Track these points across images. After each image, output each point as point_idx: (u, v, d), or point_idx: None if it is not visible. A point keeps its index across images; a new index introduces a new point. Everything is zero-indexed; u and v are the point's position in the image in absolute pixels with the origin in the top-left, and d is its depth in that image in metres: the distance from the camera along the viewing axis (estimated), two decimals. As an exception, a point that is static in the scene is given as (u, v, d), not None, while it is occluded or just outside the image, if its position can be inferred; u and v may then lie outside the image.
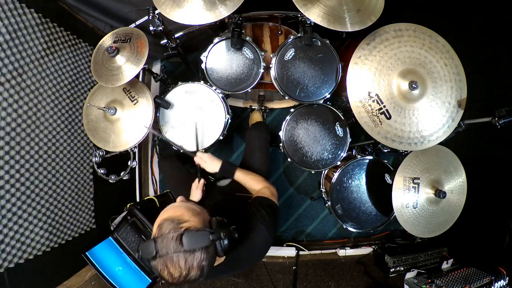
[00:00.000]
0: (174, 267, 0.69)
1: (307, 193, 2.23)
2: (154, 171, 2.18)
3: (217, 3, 1.16)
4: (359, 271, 1.96)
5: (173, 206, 0.82)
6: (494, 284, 1.50)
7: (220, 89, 1.51)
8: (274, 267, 1.94)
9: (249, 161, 1.45)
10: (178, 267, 0.69)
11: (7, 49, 1.14)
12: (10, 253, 1.17)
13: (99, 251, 1.61)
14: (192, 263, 0.70)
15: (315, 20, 1.16)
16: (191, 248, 0.70)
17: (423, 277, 1.69)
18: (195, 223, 0.76)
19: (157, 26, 1.30)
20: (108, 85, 1.26)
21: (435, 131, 1.23)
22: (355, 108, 1.24)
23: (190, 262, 0.70)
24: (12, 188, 1.17)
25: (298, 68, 1.46)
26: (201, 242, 0.71)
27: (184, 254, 0.69)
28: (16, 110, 1.19)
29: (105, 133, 1.39)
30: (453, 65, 1.23)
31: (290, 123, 1.58)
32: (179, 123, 1.54)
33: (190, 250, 0.70)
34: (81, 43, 1.60)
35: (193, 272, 0.70)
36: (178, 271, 0.69)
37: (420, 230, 1.33)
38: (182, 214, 0.77)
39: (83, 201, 1.61)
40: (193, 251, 0.70)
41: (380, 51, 1.23)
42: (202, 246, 0.71)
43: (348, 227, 1.62)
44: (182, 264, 0.69)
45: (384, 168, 1.58)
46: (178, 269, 0.69)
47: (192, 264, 0.70)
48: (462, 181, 1.37)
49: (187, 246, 0.70)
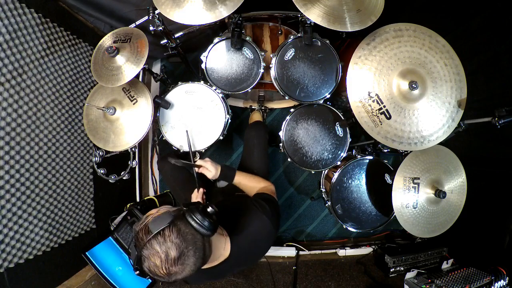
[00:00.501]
0: (153, 255, 0.70)
1: (307, 193, 2.23)
2: (154, 171, 2.18)
3: (217, 3, 1.16)
4: (359, 271, 1.96)
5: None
6: (494, 284, 1.50)
7: (220, 89, 1.51)
8: (274, 267, 1.94)
9: (248, 160, 1.44)
10: (156, 253, 0.70)
11: (7, 49, 1.14)
12: (10, 253, 1.17)
13: (99, 251, 1.61)
14: (166, 245, 0.70)
15: (315, 20, 1.16)
16: (157, 230, 0.70)
17: (423, 277, 1.69)
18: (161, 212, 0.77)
19: (157, 26, 1.30)
20: (108, 85, 1.26)
21: (435, 131, 1.23)
22: (355, 108, 1.23)
23: (162, 243, 0.70)
24: (12, 188, 1.17)
25: (298, 68, 1.46)
26: (163, 221, 0.72)
27: (155, 239, 0.70)
28: (16, 110, 1.19)
29: (105, 133, 1.39)
30: (453, 65, 1.23)
31: (290, 123, 1.58)
32: (179, 123, 1.54)
33: (158, 233, 0.70)
34: (81, 43, 1.60)
35: (172, 252, 0.70)
36: (158, 257, 0.69)
37: (420, 230, 1.32)
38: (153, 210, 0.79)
39: (83, 201, 1.61)
40: (161, 233, 0.70)
41: (380, 51, 1.23)
42: (165, 224, 0.71)
43: (348, 227, 1.62)
44: (158, 248, 0.70)
45: (384, 168, 1.58)
46: (157, 255, 0.70)
47: (167, 245, 0.70)
48: (462, 181, 1.37)
49: (153, 230, 0.70)
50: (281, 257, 2.04)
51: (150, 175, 2.19)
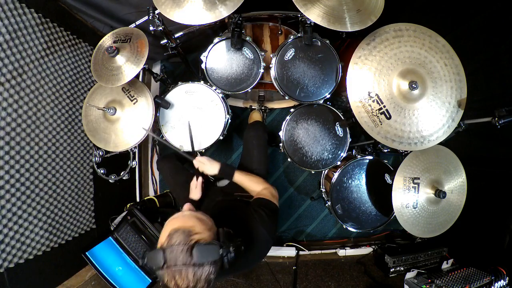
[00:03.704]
0: (182, 279, 0.69)
1: (307, 193, 2.23)
2: (154, 171, 2.18)
3: (217, 3, 1.16)
4: (359, 271, 1.96)
5: (183, 215, 0.81)
6: (494, 284, 1.50)
7: (220, 89, 1.51)
8: (274, 267, 1.94)
9: (247, 160, 1.44)
10: (186, 279, 0.69)
11: (7, 49, 1.14)
12: (10, 253, 1.17)
13: (99, 251, 1.61)
14: (200, 276, 0.69)
15: (315, 20, 1.16)
16: (200, 262, 0.69)
17: (423, 277, 1.70)
18: (205, 236, 0.75)
19: (157, 26, 1.30)
20: (108, 85, 1.26)
21: (435, 131, 1.23)
22: (355, 108, 1.23)
23: (198, 275, 0.69)
24: (12, 188, 1.17)
25: (298, 68, 1.46)
26: (211, 256, 0.71)
27: (193, 267, 0.69)
28: (16, 110, 1.19)
29: (106, 133, 1.39)
30: (453, 65, 1.23)
31: (290, 123, 1.58)
32: (179, 123, 1.54)
33: (200, 264, 0.69)
34: (81, 43, 1.60)
35: (199, 284, 0.70)
36: (186, 283, 0.69)
37: (420, 230, 1.32)
38: (194, 225, 0.76)
39: (83, 201, 1.61)
40: (202, 264, 0.70)
41: (380, 51, 1.23)
42: (211, 260, 0.71)
43: (348, 227, 1.62)
44: (191, 277, 0.69)
45: (384, 168, 1.58)
46: (185, 281, 0.69)
47: (200, 277, 0.70)
48: (462, 181, 1.37)
49: (197, 260, 0.69)
50: (281, 257, 2.04)
51: (150, 175, 2.19)
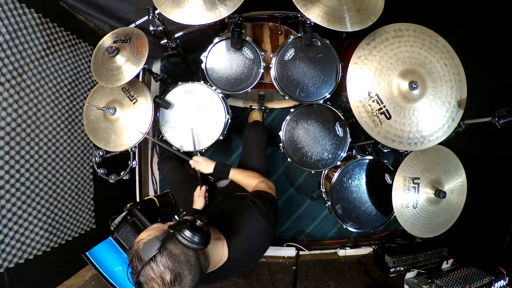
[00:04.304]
0: (150, 281, 0.70)
1: (307, 193, 2.22)
2: (154, 171, 2.18)
3: (217, 3, 1.16)
4: (359, 271, 1.96)
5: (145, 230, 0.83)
6: (494, 284, 1.50)
7: (220, 89, 1.51)
8: (274, 267, 1.94)
9: (247, 160, 1.44)
10: (152, 279, 0.70)
11: (7, 49, 1.14)
12: (10, 253, 1.17)
13: (99, 251, 1.61)
14: (159, 269, 0.70)
15: (315, 20, 1.16)
16: (148, 258, 0.70)
17: (423, 277, 1.70)
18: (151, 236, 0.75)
19: (157, 26, 1.30)
20: (108, 85, 1.26)
21: (435, 131, 1.23)
22: (355, 108, 1.23)
23: (156, 269, 0.70)
24: (12, 188, 1.17)
25: (298, 68, 1.46)
26: (153, 248, 0.71)
27: (147, 266, 0.70)
28: (16, 110, 1.19)
29: (106, 133, 1.39)
30: (453, 65, 1.23)
31: (290, 123, 1.58)
32: (179, 123, 1.54)
33: (151, 259, 0.70)
34: (81, 43, 1.60)
35: (167, 276, 0.70)
36: (155, 282, 0.70)
37: (420, 230, 1.32)
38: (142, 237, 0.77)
39: (83, 201, 1.61)
40: (153, 259, 0.70)
41: (380, 51, 1.23)
42: (155, 251, 0.71)
43: (348, 227, 1.62)
44: (153, 274, 0.70)
45: (384, 168, 1.58)
46: (153, 281, 0.70)
47: (160, 270, 0.70)
48: (462, 181, 1.37)
49: (145, 258, 0.70)
50: (281, 257, 2.04)
51: (150, 175, 2.19)
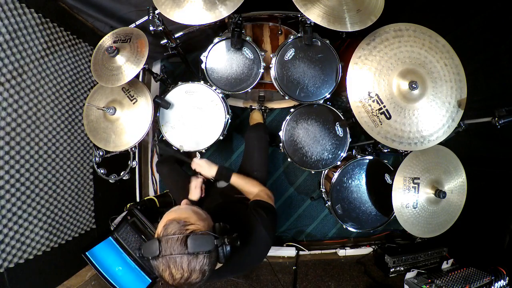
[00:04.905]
0: (177, 268, 0.69)
1: (307, 193, 2.22)
2: (154, 171, 2.18)
3: (217, 3, 1.16)
4: (359, 271, 1.96)
5: (179, 208, 0.83)
6: (494, 284, 1.50)
7: (220, 89, 1.51)
8: (274, 267, 1.94)
9: (248, 162, 1.45)
10: (181, 268, 0.69)
11: (7, 49, 1.14)
12: (10, 253, 1.17)
13: (99, 251, 1.61)
14: (194, 266, 0.70)
15: (315, 20, 1.16)
16: (195, 251, 0.70)
17: (423, 277, 1.69)
18: (201, 227, 0.76)
19: (157, 26, 1.30)
20: (108, 85, 1.26)
21: (435, 131, 1.23)
22: (355, 108, 1.23)
23: (193, 265, 0.70)
24: (12, 188, 1.17)
25: (298, 68, 1.46)
26: (206, 246, 0.72)
27: (187, 256, 0.70)
28: (16, 110, 1.19)
29: (106, 133, 1.39)
30: (453, 65, 1.23)
31: (290, 123, 1.58)
32: (179, 123, 1.54)
33: (194, 253, 0.70)
34: (81, 43, 1.60)
35: (194, 275, 0.70)
36: (180, 273, 0.70)
37: (420, 230, 1.32)
38: (189, 216, 0.78)
39: (83, 201, 1.61)
40: (196, 254, 0.71)
41: (380, 51, 1.23)
42: (206, 250, 0.71)
43: (348, 227, 1.62)
44: (185, 266, 0.70)
45: (384, 168, 1.58)
46: (180, 270, 0.69)
47: (195, 267, 0.70)
48: (462, 181, 1.37)
49: (192, 249, 0.70)
50: (281, 257, 2.04)
51: (150, 175, 2.19)
